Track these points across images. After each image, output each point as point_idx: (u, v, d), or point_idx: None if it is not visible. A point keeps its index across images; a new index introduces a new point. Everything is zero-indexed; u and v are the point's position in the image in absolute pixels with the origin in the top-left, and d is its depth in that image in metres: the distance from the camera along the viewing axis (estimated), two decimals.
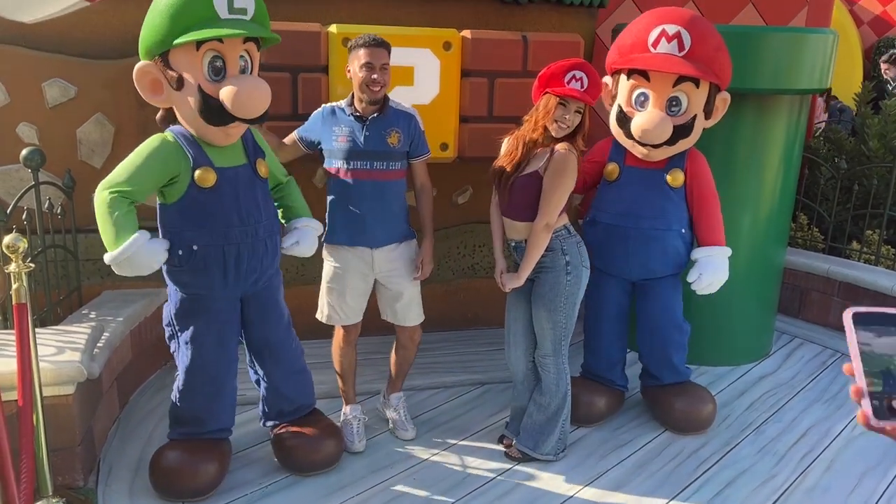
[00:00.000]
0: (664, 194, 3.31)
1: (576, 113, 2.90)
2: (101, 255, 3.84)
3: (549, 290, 3.05)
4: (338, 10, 3.86)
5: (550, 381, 3.17)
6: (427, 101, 3.56)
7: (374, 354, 4.05)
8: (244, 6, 2.54)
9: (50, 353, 2.86)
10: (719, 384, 4.10)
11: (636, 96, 3.23)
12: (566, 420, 3.24)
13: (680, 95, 3.15)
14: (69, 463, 2.88)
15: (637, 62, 3.13)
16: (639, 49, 3.14)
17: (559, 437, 3.23)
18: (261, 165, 2.87)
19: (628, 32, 3.23)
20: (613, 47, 3.30)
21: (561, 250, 3.03)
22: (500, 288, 3.15)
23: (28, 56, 3.62)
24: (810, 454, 3.40)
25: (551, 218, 2.94)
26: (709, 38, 3.09)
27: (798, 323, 5.03)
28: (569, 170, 2.91)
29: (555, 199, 2.92)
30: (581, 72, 2.86)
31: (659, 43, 3.08)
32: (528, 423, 3.24)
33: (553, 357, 3.14)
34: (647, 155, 3.27)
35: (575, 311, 3.12)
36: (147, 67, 2.64)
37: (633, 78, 3.20)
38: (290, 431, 3.15)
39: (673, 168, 3.31)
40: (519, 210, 3.03)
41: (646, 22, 3.16)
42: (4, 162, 3.61)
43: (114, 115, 3.80)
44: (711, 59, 3.11)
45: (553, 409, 3.19)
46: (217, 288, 2.82)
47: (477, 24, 4.02)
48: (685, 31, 3.05)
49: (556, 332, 3.10)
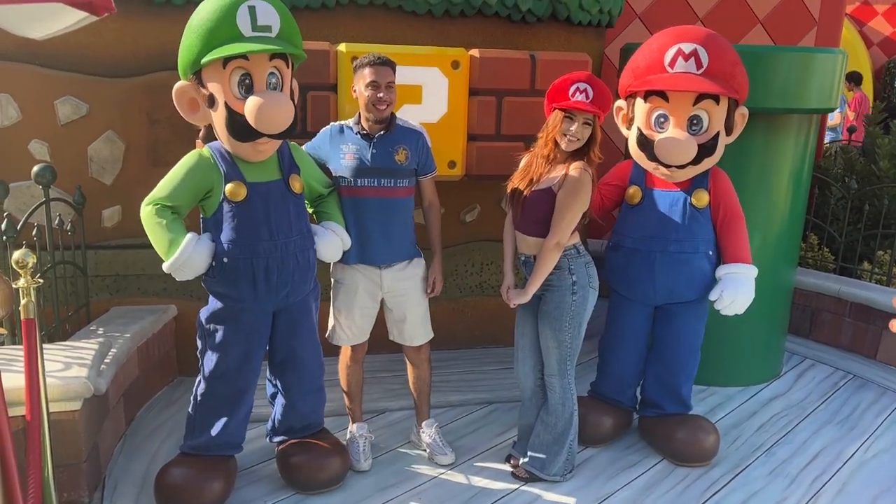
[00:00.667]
0: (690, 216, 3.24)
1: (584, 125, 2.90)
2: (110, 272, 3.92)
3: (555, 308, 3.04)
4: (347, 29, 3.89)
5: (556, 401, 3.15)
6: (435, 120, 3.58)
7: (381, 372, 4.04)
8: (268, 24, 2.60)
9: (57, 369, 2.87)
10: (729, 405, 4.06)
11: (656, 118, 3.17)
12: (573, 440, 3.21)
13: (700, 114, 3.12)
14: (75, 479, 2.88)
15: (655, 83, 3.08)
16: (655, 70, 3.10)
17: (567, 458, 3.20)
18: (294, 181, 2.90)
19: (641, 54, 3.18)
20: (627, 70, 3.26)
21: (568, 269, 3.02)
22: (507, 303, 3.14)
23: (41, 74, 3.66)
24: (822, 476, 3.36)
25: (562, 237, 2.94)
26: (725, 54, 3.07)
27: (809, 344, 4.99)
28: (583, 190, 2.91)
29: (567, 219, 2.92)
30: (585, 84, 2.87)
31: (676, 62, 3.05)
32: (536, 443, 3.22)
33: (558, 377, 3.11)
34: (670, 176, 3.22)
35: (581, 332, 3.10)
36: (184, 87, 2.74)
37: (651, 100, 3.15)
38: (295, 448, 3.14)
39: (697, 188, 3.25)
40: (530, 224, 3.03)
41: (660, 42, 3.12)
42: (16, 178, 3.63)
43: (124, 132, 3.83)
44: (730, 74, 3.08)
45: (560, 428, 3.16)
46: (247, 299, 2.86)
47: (485, 44, 4.05)
48: (701, 48, 3.02)
49: (562, 352, 3.08)
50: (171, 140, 3.86)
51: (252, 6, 2.55)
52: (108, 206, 3.89)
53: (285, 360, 3.10)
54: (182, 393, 3.94)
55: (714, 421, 3.72)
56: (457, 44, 3.91)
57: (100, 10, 2.38)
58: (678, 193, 3.27)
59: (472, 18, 4.07)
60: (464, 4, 3.96)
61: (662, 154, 3.13)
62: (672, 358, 3.46)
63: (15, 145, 3.70)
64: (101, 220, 3.89)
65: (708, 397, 4.12)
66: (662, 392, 3.51)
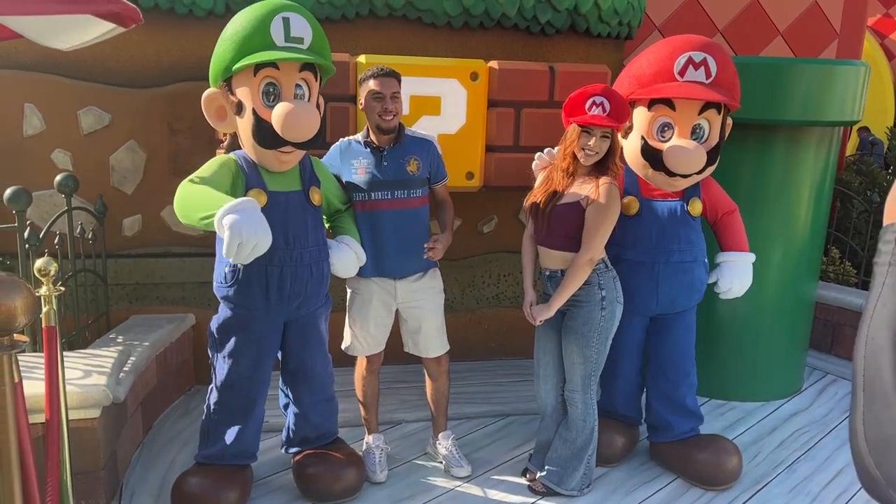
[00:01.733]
0: (688, 225, 3.24)
1: (602, 138, 2.87)
2: (130, 280, 3.95)
3: (583, 324, 3.00)
4: (366, 41, 3.92)
5: (578, 417, 3.11)
6: (454, 131, 3.58)
7: (397, 384, 4.03)
8: (301, 36, 2.65)
9: (77, 377, 2.88)
10: (749, 420, 4.01)
11: (659, 126, 3.15)
12: (592, 455, 3.18)
13: (703, 123, 3.11)
14: (92, 487, 2.89)
15: (666, 91, 3.05)
16: (664, 78, 3.07)
17: (584, 473, 3.17)
18: (314, 193, 2.92)
19: (648, 62, 3.14)
20: (628, 78, 3.21)
21: (598, 285, 2.99)
22: (529, 320, 3.09)
23: (64, 84, 3.72)
24: (844, 495, 3.29)
25: (596, 252, 2.92)
26: (728, 64, 3.07)
27: (830, 359, 4.92)
28: (614, 205, 2.90)
29: (601, 234, 2.90)
30: (602, 97, 2.84)
31: (686, 71, 3.03)
32: (554, 458, 3.19)
33: (581, 393, 3.08)
34: (672, 185, 3.20)
35: (606, 347, 3.06)
36: (213, 94, 2.77)
37: (656, 108, 3.13)
38: (311, 458, 3.14)
39: (691, 197, 3.24)
40: (557, 239, 3.00)
41: (668, 50, 3.09)
42: (39, 187, 3.68)
43: (146, 142, 3.87)
44: (732, 84, 3.08)
45: (579, 444, 3.13)
46: (259, 308, 2.86)
47: (504, 55, 4.06)
48: (710, 57, 3.01)
49: (587, 368, 3.04)
50: (192, 150, 3.89)
51: (286, 18, 2.60)
52: (129, 216, 3.93)
53: (296, 371, 3.11)
54: (199, 402, 3.95)
55: (733, 436, 3.68)
56: (475, 55, 3.92)
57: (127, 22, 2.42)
58: (675, 203, 3.25)
59: (490, 30, 4.08)
60: (483, 17, 3.98)
61: (674, 163, 3.09)
62: (672, 369, 3.39)
63: (38, 154, 3.76)
64: (122, 229, 3.93)
65: (727, 412, 4.08)
66: (670, 407, 3.42)
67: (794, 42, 5.91)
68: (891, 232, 1.07)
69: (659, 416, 3.44)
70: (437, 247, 3.14)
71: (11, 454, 1.62)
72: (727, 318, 4.09)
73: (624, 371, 3.47)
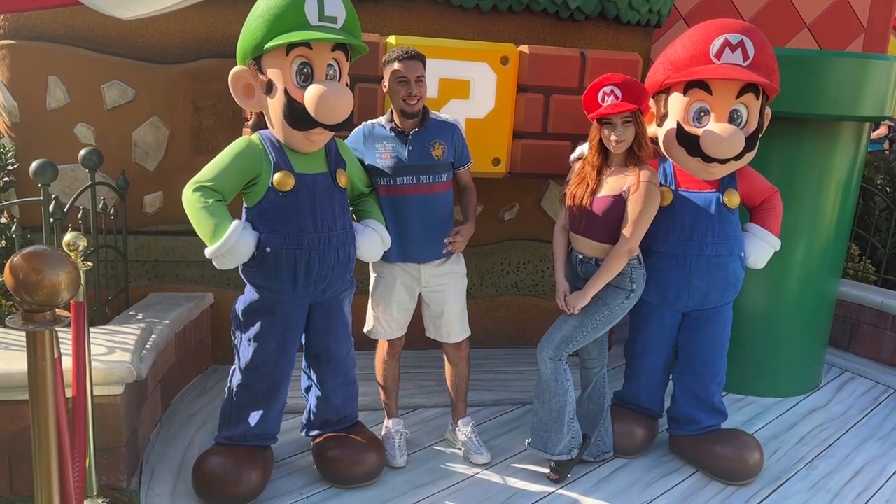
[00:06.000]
0: (724, 217, 3.15)
1: (624, 125, 2.89)
2: (150, 258, 3.92)
3: (600, 299, 3.04)
4: (396, 22, 3.87)
5: (549, 377, 3.13)
6: (482, 116, 3.54)
7: (416, 369, 4.02)
8: (335, 15, 2.60)
9: (101, 353, 2.87)
10: (767, 415, 3.98)
11: (696, 112, 3.06)
12: (573, 419, 3.20)
13: (741, 108, 3.03)
14: (114, 464, 2.88)
15: (703, 73, 2.97)
16: (700, 61, 2.99)
17: (571, 436, 3.18)
18: (341, 175, 2.89)
19: (682, 46, 3.07)
20: (663, 64, 3.15)
21: (630, 277, 3.05)
22: (565, 310, 3.10)
23: (89, 58, 3.68)
24: (865, 493, 3.28)
25: (635, 243, 2.97)
26: (767, 47, 2.99)
27: (848, 356, 4.89)
28: (653, 196, 2.94)
29: (640, 226, 2.95)
30: (611, 86, 2.88)
31: (723, 53, 2.95)
32: (535, 422, 3.23)
33: (552, 352, 3.10)
34: (709, 172, 3.12)
35: (601, 332, 3.12)
36: (241, 72, 2.71)
37: (692, 93, 3.04)
38: (332, 442, 3.13)
39: (727, 188, 3.17)
40: (599, 230, 3.01)
41: (704, 33, 3.01)
42: (62, 161, 3.63)
43: (169, 118, 3.84)
44: (772, 68, 3.01)
45: (556, 406, 3.14)
46: (286, 291, 2.83)
47: (531, 40, 4.00)
48: (748, 39, 2.94)
49: (574, 333, 3.07)
50: (215, 128, 3.86)
51: None
52: (150, 192, 3.90)
53: (319, 355, 3.09)
54: (216, 381, 3.95)
55: (752, 431, 3.66)
56: (503, 39, 3.87)
57: None
58: (710, 194, 3.17)
59: (519, 14, 4.03)
60: (512, 0, 3.92)
61: (710, 147, 3.01)
62: (703, 367, 3.34)
63: (61, 128, 3.72)
64: (143, 206, 3.90)
65: (745, 407, 4.05)
66: (696, 404, 3.38)
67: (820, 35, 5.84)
68: None
69: (683, 411, 3.41)
70: (458, 239, 3.12)
71: (50, 431, 1.60)
72: (748, 313, 4.05)
73: (650, 365, 3.45)
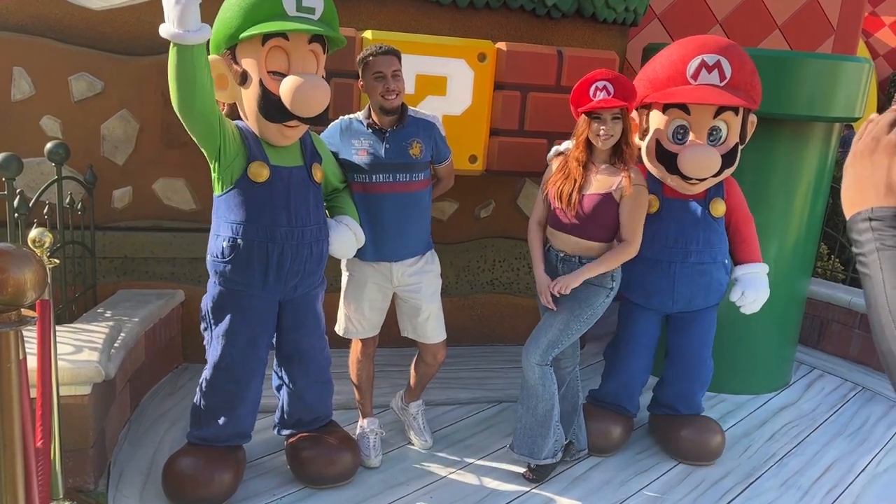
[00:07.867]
0: (709, 226, 3.21)
1: (614, 121, 2.89)
2: (119, 254, 3.83)
3: (584, 299, 3.04)
4: (372, 17, 3.83)
5: (536, 383, 3.09)
6: (459, 112, 3.51)
7: (390, 367, 3.99)
8: (312, 6, 2.56)
9: (68, 352, 2.80)
10: (739, 413, 4.02)
11: (674, 130, 3.11)
12: (558, 423, 3.19)
13: (720, 125, 3.08)
14: (81, 465, 2.81)
15: (679, 96, 3.02)
16: (677, 81, 3.04)
17: (555, 439, 3.18)
18: (316, 170, 2.84)
19: (660, 65, 3.11)
20: (643, 80, 3.18)
21: (611, 276, 3.06)
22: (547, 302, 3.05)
23: (56, 48, 3.57)
24: (835, 490, 3.32)
25: (638, 245, 3.01)
26: (745, 64, 3.03)
27: (817, 354, 4.97)
28: (642, 198, 2.98)
29: (639, 227, 3.00)
30: (604, 81, 2.86)
31: (699, 74, 3.00)
32: (520, 427, 3.20)
33: (538, 357, 3.07)
34: (688, 188, 3.18)
35: (583, 330, 3.11)
36: (214, 62, 2.64)
37: (670, 112, 3.09)
38: (305, 442, 3.08)
39: (714, 198, 3.22)
40: (591, 229, 3.00)
41: (681, 53, 3.05)
42: (26, 154, 3.53)
43: (139, 112, 3.75)
44: (750, 84, 3.05)
45: (542, 411, 3.12)
46: (256, 286, 2.78)
47: (507, 37, 3.99)
48: (724, 59, 2.98)
49: (560, 337, 3.06)
50: None
51: None
52: (119, 187, 3.81)
53: (291, 355, 3.03)
54: (187, 380, 3.87)
55: (725, 429, 3.69)
56: (478, 35, 3.85)
57: None
58: (695, 203, 3.24)
59: (495, 11, 4.01)
60: None
61: (687, 167, 3.07)
62: (687, 366, 3.44)
63: (27, 121, 3.61)
64: (112, 201, 3.81)
65: (718, 404, 4.09)
66: (677, 397, 3.52)
67: (791, 36, 5.91)
68: (860, 220, 1.06)
69: (665, 399, 3.57)
70: None
71: (15, 433, 1.54)
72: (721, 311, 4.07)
73: (630, 365, 3.48)
